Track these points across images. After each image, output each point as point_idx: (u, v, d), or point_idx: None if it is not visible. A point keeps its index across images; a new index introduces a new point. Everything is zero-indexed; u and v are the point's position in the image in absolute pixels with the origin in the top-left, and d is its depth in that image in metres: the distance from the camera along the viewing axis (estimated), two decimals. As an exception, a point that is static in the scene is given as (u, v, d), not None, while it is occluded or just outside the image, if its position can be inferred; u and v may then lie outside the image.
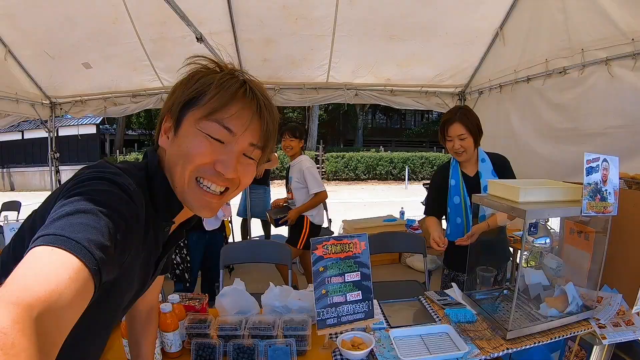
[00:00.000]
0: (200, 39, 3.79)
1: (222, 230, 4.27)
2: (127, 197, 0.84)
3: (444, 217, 3.12)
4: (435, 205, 3.11)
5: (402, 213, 7.23)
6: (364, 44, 5.37)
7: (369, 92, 6.22)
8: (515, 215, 2.01)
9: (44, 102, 6.33)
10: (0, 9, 4.52)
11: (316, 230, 4.66)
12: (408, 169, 21.36)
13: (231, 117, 0.97)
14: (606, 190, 1.97)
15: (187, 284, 3.99)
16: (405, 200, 13.29)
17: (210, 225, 3.98)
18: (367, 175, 22.32)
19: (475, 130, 2.78)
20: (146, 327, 1.58)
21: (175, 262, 3.92)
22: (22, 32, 4.96)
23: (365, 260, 2.07)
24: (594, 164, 1.94)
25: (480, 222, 2.71)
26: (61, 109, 6.53)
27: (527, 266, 2.45)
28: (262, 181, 6.74)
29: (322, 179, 21.47)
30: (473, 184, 2.85)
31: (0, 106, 5.66)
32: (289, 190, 4.73)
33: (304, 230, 4.52)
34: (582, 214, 1.92)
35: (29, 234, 0.85)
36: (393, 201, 13.97)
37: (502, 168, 2.88)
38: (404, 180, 20.92)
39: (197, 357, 1.88)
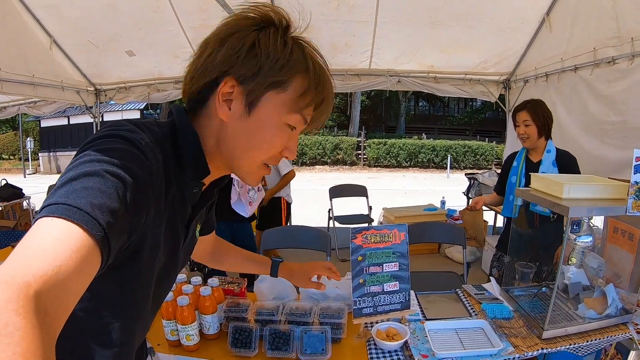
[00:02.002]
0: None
1: (251, 219, 4.29)
2: (139, 153, 0.79)
3: None
4: (500, 184, 3.49)
5: (443, 202, 7.18)
6: (407, 30, 5.33)
7: (412, 79, 6.19)
8: (558, 212, 1.96)
9: (89, 89, 6.56)
10: (45, 0, 4.66)
11: (289, 208, 5.07)
12: (450, 158, 21.06)
13: (310, 106, 0.97)
14: (654, 189, 1.90)
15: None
16: (447, 189, 13.14)
17: (245, 213, 3.98)
18: (408, 162, 22.11)
19: (541, 121, 3.03)
20: (223, 254, 1.74)
21: None
22: (66, 22, 5.12)
23: (404, 251, 2.07)
24: (643, 161, 1.87)
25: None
26: (105, 95, 6.76)
27: (569, 264, 2.41)
28: None
29: (364, 165, 21.55)
30: (533, 169, 3.06)
31: (47, 93, 5.87)
32: None
33: (283, 211, 4.87)
34: (627, 214, 1.87)
35: None
36: (434, 190, 13.83)
37: (566, 164, 3.05)
38: (446, 168, 20.65)
39: (233, 340, 1.92)
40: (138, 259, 0.86)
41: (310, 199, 11.07)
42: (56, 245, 0.59)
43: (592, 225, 2.26)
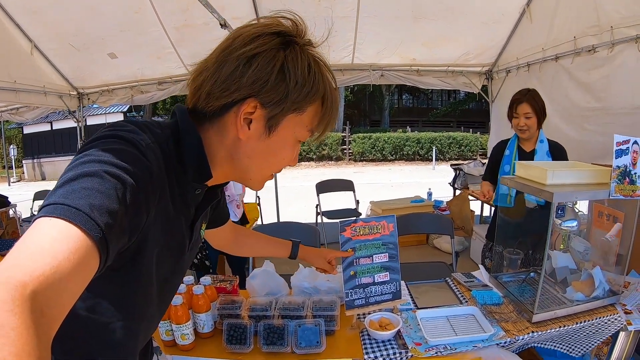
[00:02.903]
0: (224, 25, 3.81)
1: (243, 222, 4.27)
2: (139, 154, 0.79)
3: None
4: (491, 173, 3.47)
5: (429, 194, 7.23)
6: (389, 24, 5.34)
7: (394, 73, 6.21)
8: (543, 198, 2.00)
9: (72, 93, 6.49)
10: (25, 4, 4.62)
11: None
12: (435, 150, 21.16)
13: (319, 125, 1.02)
14: (635, 173, 1.94)
15: (210, 271, 4.00)
16: (433, 181, 13.20)
17: (234, 217, 3.98)
18: (394, 156, 22.17)
19: (540, 112, 3.10)
20: (243, 237, 1.82)
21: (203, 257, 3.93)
22: (47, 27, 5.06)
23: (393, 241, 2.10)
24: (623, 147, 1.91)
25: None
26: (89, 99, 6.68)
27: (555, 249, 2.45)
28: None
29: (349, 160, 21.55)
30: (527, 159, 3.10)
31: (29, 99, 5.80)
32: None
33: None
34: (610, 197, 1.91)
35: None
36: (420, 182, 13.90)
37: (558, 154, 3.12)
38: (431, 160, 20.74)
39: (228, 337, 1.93)
40: (139, 260, 0.86)
41: (297, 196, 11.08)
42: (54, 245, 0.59)
43: (577, 210, 2.31)
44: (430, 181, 12.63)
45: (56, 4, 4.69)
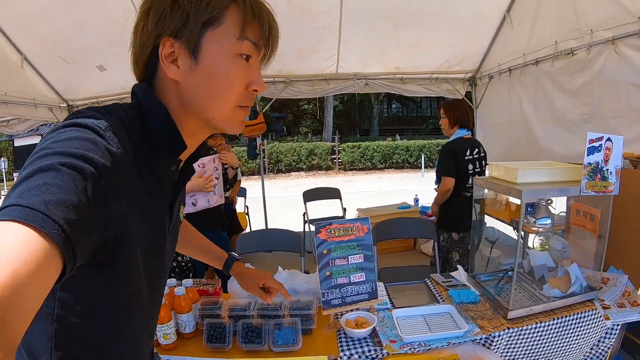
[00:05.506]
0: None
1: (224, 227, 4.21)
2: (98, 138, 0.72)
3: None
4: None
5: (416, 200, 7.25)
6: (371, 33, 5.40)
7: (379, 81, 6.26)
8: (514, 196, 2.05)
9: (62, 105, 6.45)
10: (15, 18, 4.62)
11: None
12: (424, 157, 21.26)
13: (254, 31, 0.92)
14: (607, 169, 1.99)
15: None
16: (422, 188, 13.24)
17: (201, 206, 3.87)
18: (383, 164, 22.23)
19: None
20: (188, 238, 1.73)
21: (183, 261, 3.90)
22: (37, 40, 5.04)
23: (368, 242, 2.14)
24: (596, 144, 1.97)
25: None
26: (78, 111, 6.64)
27: (533, 248, 2.50)
28: None
29: (339, 169, 21.57)
30: None
31: (19, 112, 5.75)
32: None
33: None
34: (581, 194, 1.96)
35: None
36: (409, 189, 13.92)
37: None
38: (421, 168, 20.83)
39: (208, 336, 1.97)
40: (122, 252, 0.80)
41: (287, 206, 11.09)
42: (10, 250, 0.55)
43: (552, 209, 2.36)
44: (419, 188, 12.68)
45: (45, 18, 4.69)
